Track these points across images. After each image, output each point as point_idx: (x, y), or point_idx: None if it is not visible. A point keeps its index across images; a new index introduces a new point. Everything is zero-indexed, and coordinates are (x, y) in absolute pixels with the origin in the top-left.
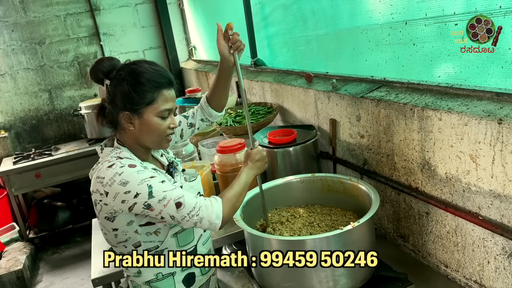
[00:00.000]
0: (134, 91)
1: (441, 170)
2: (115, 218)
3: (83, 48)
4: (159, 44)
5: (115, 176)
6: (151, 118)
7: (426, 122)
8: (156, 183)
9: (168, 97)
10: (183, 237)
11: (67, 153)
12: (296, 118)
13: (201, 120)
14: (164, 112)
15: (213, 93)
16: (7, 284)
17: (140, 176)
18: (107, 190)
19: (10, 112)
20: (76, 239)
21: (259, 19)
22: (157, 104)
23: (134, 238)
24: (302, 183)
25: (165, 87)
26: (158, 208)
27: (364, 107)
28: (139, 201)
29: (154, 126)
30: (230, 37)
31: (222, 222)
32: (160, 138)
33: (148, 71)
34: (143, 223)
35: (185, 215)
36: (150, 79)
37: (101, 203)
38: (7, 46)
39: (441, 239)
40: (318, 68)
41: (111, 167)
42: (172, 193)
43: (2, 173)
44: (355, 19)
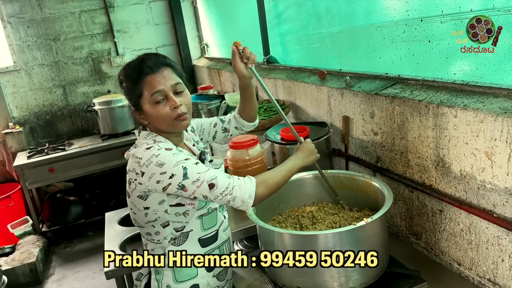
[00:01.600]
0: (125, 90)
1: (455, 168)
2: (148, 196)
3: (97, 44)
4: (172, 42)
5: (152, 158)
6: (148, 108)
7: (441, 119)
8: (190, 165)
9: (154, 82)
10: (207, 220)
11: (80, 148)
12: (309, 115)
13: (235, 128)
14: (155, 97)
15: (243, 108)
16: (21, 276)
17: (176, 158)
18: (143, 170)
19: (25, 107)
20: (88, 233)
21: (272, 16)
22: (146, 93)
23: (163, 218)
24: (315, 179)
25: (146, 74)
26: (191, 189)
27: (378, 104)
28: (174, 181)
29: (155, 114)
30: (242, 54)
31: (254, 201)
32: (168, 122)
33: (128, 66)
34: (173, 204)
35: (218, 195)
36: (129, 75)
37: (136, 182)
38: (23, 42)
39: (455, 237)
40: (331, 66)
41: (149, 149)
42: (206, 175)
43: (17, 167)
44: (370, 16)
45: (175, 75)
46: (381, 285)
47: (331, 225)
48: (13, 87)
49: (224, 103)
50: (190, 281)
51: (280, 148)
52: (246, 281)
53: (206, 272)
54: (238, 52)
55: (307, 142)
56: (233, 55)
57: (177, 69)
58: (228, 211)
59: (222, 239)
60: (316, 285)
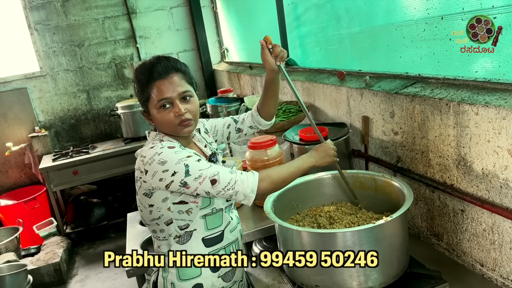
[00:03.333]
0: (136, 91)
1: (477, 166)
2: (152, 194)
3: (120, 50)
4: (192, 47)
5: (154, 156)
6: (154, 112)
7: (462, 117)
8: (192, 162)
9: (163, 88)
10: (212, 220)
11: (104, 151)
12: (328, 116)
13: (249, 127)
14: (161, 103)
15: (263, 103)
16: (45, 276)
17: (178, 156)
18: (146, 169)
19: (50, 111)
20: (110, 235)
21: (291, 19)
22: (153, 98)
23: (166, 215)
24: (334, 179)
25: (156, 79)
26: (194, 186)
27: (398, 103)
28: (176, 179)
29: (160, 119)
30: (272, 51)
31: (257, 196)
32: (171, 128)
33: (140, 68)
34: (176, 201)
35: (220, 190)
36: (140, 78)
37: (141, 180)
38: (49, 48)
39: (477, 237)
40: (351, 66)
41: (152, 148)
42: (208, 171)
43: (42, 170)
44: (390, 15)
45: (184, 81)
46: (401, 285)
47: (349, 225)
48: (39, 92)
49: (243, 106)
50: (193, 280)
51: (299, 149)
52: (265, 280)
53: (210, 272)
54: (267, 47)
55: (326, 143)
56: (262, 49)
57: (187, 74)
58: (246, 211)
59: (228, 240)
60: (335, 284)
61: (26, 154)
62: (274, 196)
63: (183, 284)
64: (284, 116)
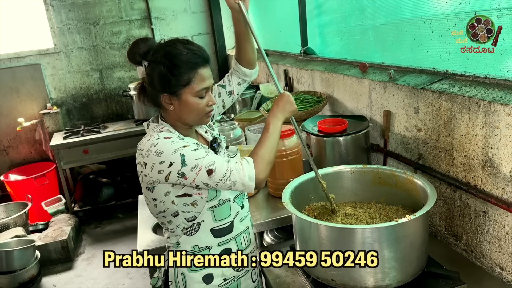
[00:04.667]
0: (171, 73)
1: (505, 168)
2: (154, 188)
3: (135, 30)
4: (207, 31)
5: (151, 147)
6: (189, 98)
7: (493, 117)
8: (188, 152)
9: (204, 76)
10: (219, 211)
11: (115, 131)
12: (347, 109)
13: (238, 85)
14: (201, 92)
15: (238, 50)
16: (53, 253)
17: (174, 146)
18: (145, 161)
19: (62, 89)
20: (118, 215)
21: (312, 7)
22: (194, 85)
23: (171, 209)
24: (353, 173)
25: (200, 66)
26: (191, 176)
27: (424, 99)
28: (173, 170)
29: (193, 106)
30: None
31: (257, 182)
32: (200, 116)
33: (183, 52)
34: (179, 194)
35: (217, 181)
36: (185, 61)
37: (142, 174)
38: (64, 25)
39: (499, 240)
40: (373, 59)
41: (149, 140)
42: (204, 161)
43: (53, 147)
44: (418, 8)
45: None
46: (419, 284)
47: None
48: (53, 69)
49: (259, 93)
50: (203, 270)
51: (316, 140)
52: (278, 272)
53: None
54: None
55: (283, 93)
56: None
57: None
58: (260, 200)
59: (238, 230)
60: (352, 280)
61: (37, 130)
62: (292, 187)
63: (193, 275)
64: (302, 106)
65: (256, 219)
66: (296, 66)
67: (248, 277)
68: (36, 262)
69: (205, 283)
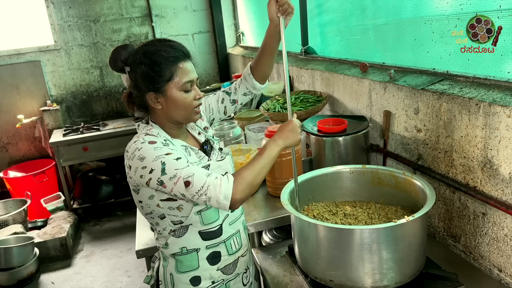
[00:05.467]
0: (153, 70)
1: (504, 170)
2: (139, 190)
3: (135, 28)
4: (208, 29)
5: (135, 151)
6: (174, 93)
7: (493, 119)
8: (170, 160)
9: (186, 69)
10: (208, 215)
11: (114, 129)
12: (346, 108)
13: (243, 95)
14: (186, 85)
15: (258, 61)
16: (51, 250)
17: (156, 152)
18: (130, 164)
19: (62, 86)
20: (117, 213)
21: (313, 6)
22: (177, 78)
23: (157, 211)
24: (352, 173)
25: (180, 60)
26: (169, 186)
27: (424, 100)
28: (153, 177)
29: (180, 101)
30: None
31: (231, 203)
32: (188, 111)
33: (161, 48)
34: (163, 198)
35: (194, 194)
36: (165, 56)
37: (128, 176)
38: (64, 22)
39: (497, 242)
40: (373, 59)
41: (135, 143)
42: (183, 172)
43: (52, 144)
44: (420, 9)
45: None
46: (417, 285)
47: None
48: (53, 65)
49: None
50: (190, 272)
51: (316, 140)
52: (276, 271)
53: (208, 265)
54: None
55: (292, 120)
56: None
57: None
58: (259, 200)
59: (228, 233)
60: (350, 280)
61: (36, 127)
62: (291, 187)
63: (180, 276)
64: (301, 106)
65: (254, 218)
66: (296, 65)
67: (238, 281)
68: (34, 259)
69: (192, 285)
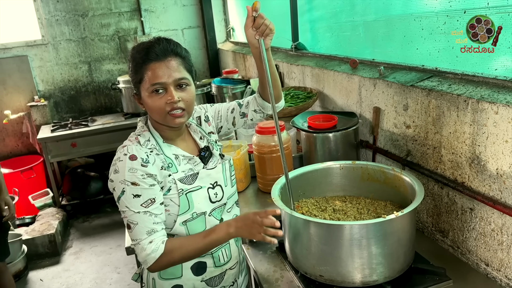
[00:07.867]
0: (131, 71)
1: (491, 166)
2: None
3: (124, 23)
4: (198, 24)
5: (116, 161)
6: (145, 96)
7: (481, 115)
8: (128, 193)
9: (158, 71)
10: (193, 226)
11: (103, 125)
12: (336, 105)
13: (253, 111)
14: (154, 87)
15: (260, 83)
16: (40, 247)
17: (126, 175)
18: (111, 168)
19: (50, 81)
20: (106, 209)
21: (303, 2)
22: (146, 80)
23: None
24: (342, 169)
25: (152, 61)
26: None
27: (413, 97)
28: (114, 194)
29: (150, 104)
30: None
31: (148, 269)
32: (162, 115)
33: (139, 49)
34: None
35: (131, 238)
36: (137, 57)
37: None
38: (52, 17)
39: (484, 237)
40: (363, 55)
41: (123, 148)
42: (130, 214)
43: (40, 140)
44: (409, 5)
45: (182, 68)
46: (406, 280)
47: (354, 216)
48: (40, 60)
49: (249, 88)
50: (173, 280)
51: (306, 136)
52: (267, 266)
53: (192, 275)
54: (251, 15)
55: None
56: (247, 17)
57: (187, 60)
58: (249, 196)
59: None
60: (340, 276)
61: (24, 123)
62: (281, 183)
63: (162, 283)
64: (292, 102)
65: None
66: (287, 61)
67: None
68: (23, 256)
69: None
